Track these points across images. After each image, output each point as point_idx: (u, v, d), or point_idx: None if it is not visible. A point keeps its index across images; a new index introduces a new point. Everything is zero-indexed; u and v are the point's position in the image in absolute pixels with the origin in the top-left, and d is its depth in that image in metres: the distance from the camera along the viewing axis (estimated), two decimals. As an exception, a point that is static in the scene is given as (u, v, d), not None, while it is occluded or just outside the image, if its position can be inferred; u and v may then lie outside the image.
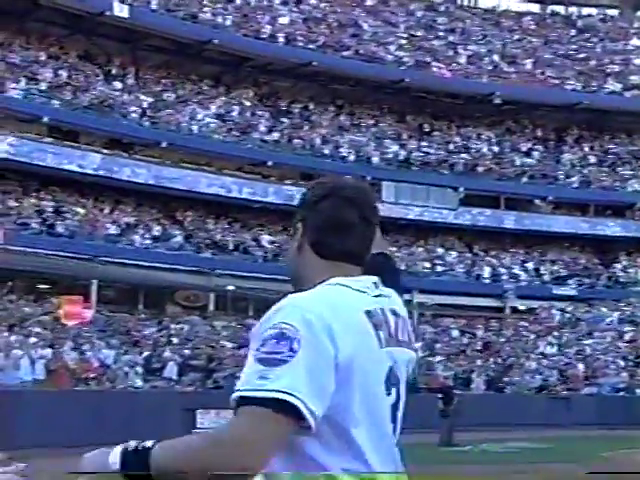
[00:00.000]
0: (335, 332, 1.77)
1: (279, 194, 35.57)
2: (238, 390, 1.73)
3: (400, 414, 1.96)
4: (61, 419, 18.20)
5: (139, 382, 22.78)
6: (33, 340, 21.71)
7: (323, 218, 1.98)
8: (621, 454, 17.58)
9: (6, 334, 21.80)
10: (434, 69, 41.03)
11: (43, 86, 31.91)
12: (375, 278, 1.97)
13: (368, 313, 1.87)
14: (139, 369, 23.20)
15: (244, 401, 1.72)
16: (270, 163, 35.80)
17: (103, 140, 33.72)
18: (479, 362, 31.31)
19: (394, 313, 1.96)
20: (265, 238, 35.13)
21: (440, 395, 21.99)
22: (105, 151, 33.15)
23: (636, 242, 40.56)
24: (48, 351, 21.41)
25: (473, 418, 23.64)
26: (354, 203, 2.01)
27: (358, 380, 1.81)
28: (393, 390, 1.91)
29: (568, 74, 43.11)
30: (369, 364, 1.84)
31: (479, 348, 33.07)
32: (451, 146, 41.13)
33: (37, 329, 22.75)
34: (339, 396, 1.78)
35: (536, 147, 42.98)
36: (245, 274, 32.08)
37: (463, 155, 40.74)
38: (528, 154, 42.40)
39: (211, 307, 32.48)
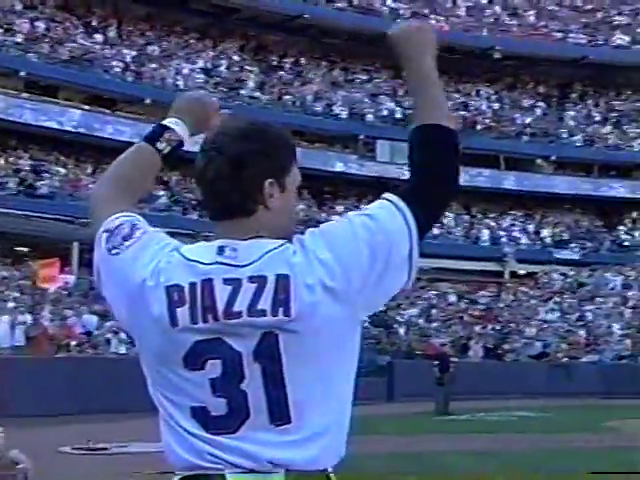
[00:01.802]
0: (126, 289, 1.89)
1: (269, 153, 35.45)
2: None
3: (251, 386, 1.83)
4: (42, 387, 18.24)
5: (123, 349, 22.82)
6: (11, 305, 21.69)
7: (195, 174, 1.98)
8: (627, 424, 17.69)
9: (-17, 299, 21.77)
10: (432, 22, 40.71)
11: (19, 38, 31.58)
12: (224, 242, 1.88)
13: (170, 287, 1.85)
14: (123, 335, 23.22)
15: None
16: (259, 120, 35.58)
17: (83, 96, 33.49)
18: (477, 328, 31.46)
19: (230, 281, 1.83)
20: (254, 199, 35.00)
21: (436, 362, 22.10)
22: (86, 107, 32.93)
23: (641, 204, 40.65)
24: (27, 317, 21.40)
25: (470, 386, 23.82)
26: (202, 149, 1.96)
27: (141, 344, 1.91)
28: (212, 364, 1.83)
29: (573, 27, 42.88)
30: (152, 338, 1.88)
31: (477, 314, 33.21)
32: (449, 103, 40.81)
33: (15, 294, 22.72)
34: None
35: (538, 104, 42.86)
36: (233, 237, 32.05)
37: (461, 112, 40.56)
38: (529, 111, 42.29)
39: (198, 271, 32.48)
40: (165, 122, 2.20)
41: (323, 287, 1.83)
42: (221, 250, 1.87)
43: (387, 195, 1.95)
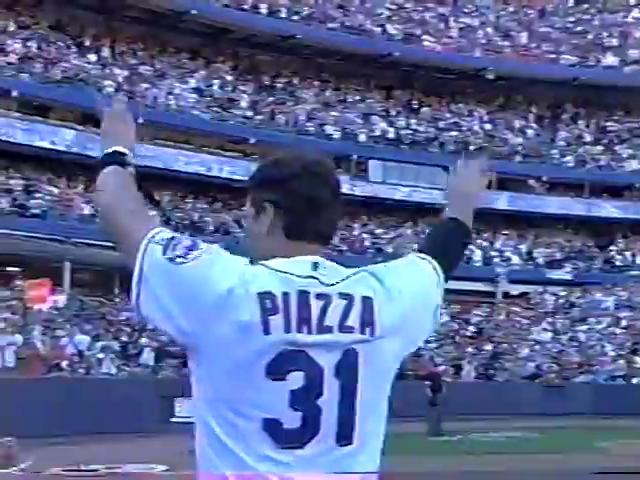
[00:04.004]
0: (208, 297, 1.86)
1: (261, 173, 35.51)
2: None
3: (327, 403, 1.87)
4: (33, 408, 18.17)
5: (114, 369, 22.76)
6: (2, 326, 21.62)
7: (299, 198, 1.97)
8: (619, 445, 17.69)
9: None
10: (424, 43, 40.96)
11: (12, 58, 31.65)
12: (317, 259, 1.96)
13: (262, 295, 1.86)
14: (114, 356, 23.18)
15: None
16: (252, 140, 35.69)
17: (76, 115, 33.51)
18: (470, 349, 31.43)
19: (322, 296, 1.90)
20: (247, 219, 35.01)
21: (428, 382, 22.05)
22: (78, 127, 32.95)
23: (633, 224, 40.74)
24: (18, 337, 21.33)
25: (463, 407, 23.78)
26: (327, 181, 2.02)
27: (216, 351, 1.86)
28: (294, 376, 1.85)
29: (564, 48, 43.14)
30: (236, 345, 1.85)
31: (470, 334, 33.19)
32: (441, 123, 41.12)
33: (6, 314, 22.66)
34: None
35: (530, 125, 43.06)
36: (225, 257, 32.00)
37: (454, 133, 40.74)
38: (522, 132, 42.47)
39: (190, 291, 32.41)
40: (115, 148, 2.20)
41: (393, 314, 1.97)
42: (316, 266, 1.94)
43: (421, 254, 2.22)
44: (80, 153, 31.77)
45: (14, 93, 30.86)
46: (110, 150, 2.17)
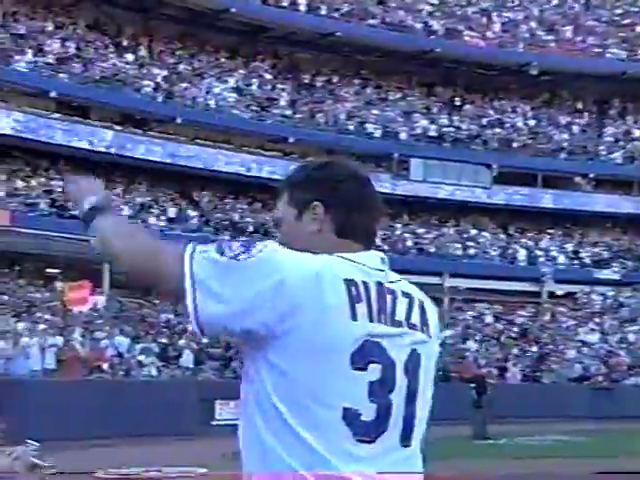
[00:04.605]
0: (291, 286, 1.85)
1: (301, 172, 35.58)
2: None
3: (397, 398, 1.92)
4: (73, 411, 18.34)
5: (154, 371, 22.91)
6: (42, 327, 21.86)
7: (352, 197, 2.06)
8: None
9: (14, 321, 21.97)
10: (466, 38, 40.75)
11: (50, 58, 32.01)
12: (383, 255, 2.04)
13: (348, 281, 1.91)
14: (154, 358, 23.33)
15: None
16: (292, 140, 35.76)
17: (115, 116, 33.82)
18: (515, 350, 31.23)
19: (391, 291, 1.98)
20: (286, 219, 35.08)
21: (473, 385, 21.94)
22: (117, 127, 33.26)
23: (683, 222, 40.23)
24: (59, 339, 21.56)
25: (508, 409, 23.62)
26: (372, 184, 2.15)
27: (304, 335, 1.86)
28: (374, 367, 1.89)
29: (611, 41, 42.67)
30: (327, 332, 1.87)
31: (515, 335, 32.98)
32: (484, 120, 40.89)
33: (46, 316, 22.91)
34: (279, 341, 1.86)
35: (576, 120, 42.64)
36: (266, 257, 32.07)
37: (497, 130, 40.49)
38: (567, 128, 42.08)
39: (230, 292, 32.54)
40: (88, 205, 2.26)
41: (434, 319, 2.09)
42: (383, 261, 2.02)
43: None
44: (119, 154, 32.09)
45: (53, 93, 31.19)
46: (85, 208, 2.23)
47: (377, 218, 2.11)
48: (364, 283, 1.93)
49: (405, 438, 1.94)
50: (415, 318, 2.00)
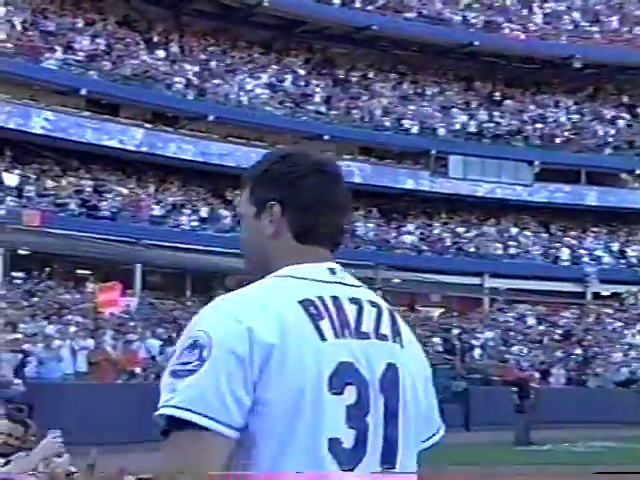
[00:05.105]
0: (255, 332, 1.72)
1: (336, 170, 35.61)
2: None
3: (373, 420, 1.79)
4: (106, 414, 18.46)
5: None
6: (73, 330, 22.03)
7: (311, 197, 1.88)
8: None
9: (44, 323, 22.16)
10: (506, 30, 40.53)
11: (80, 56, 32.27)
12: (332, 265, 1.89)
13: (302, 303, 1.78)
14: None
15: (168, 423, 1.78)
16: (326, 137, 35.74)
17: (146, 114, 34.02)
18: (558, 353, 31.02)
19: (353, 301, 1.85)
20: (321, 218, 35.14)
21: (515, 389, 21.83)
22: (148, 125, 33.45)
23: None
24: (90, 342, 21.71)
25: (552, 414, 23.46)
26: (338, 181, 1.95)
27: (283, 375, 1.73)
28: (349, 390, 1.77)
29: (657, 33, 42.24)
30: (299, 359, 1.74)
31: (558, 337, 32.77)
32: (525, 115, 40.66)
33: (77, 318, 23.08)
34: (266, 393, 1.74)
35: (621, 115, 42.24)
36: (300, 258, 32.12)
37: (539, 125, 40.23)
38: (612, 122, 41.70)
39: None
40: None
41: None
42: (332, 271, 1.88)
43: None
44: (150, 152, 32.27)
45: (83, 91, 31.43)
46: None
47: (344, 218, 1.94)
48: (320, 299, 1.80)
49: (387, 461, 1.81)
50: (385, 329, 1.86)
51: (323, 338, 1.77)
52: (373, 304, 1.87)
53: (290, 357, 1.73)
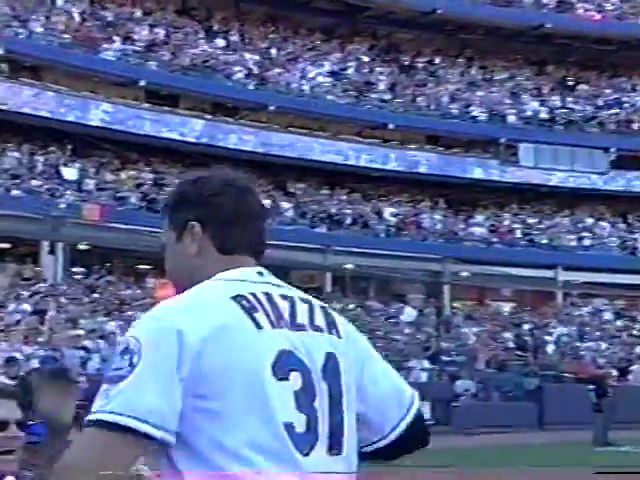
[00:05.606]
0: (185, 333, 1.85)
1: (402, 160, 35.40)
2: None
3: (322, 403, 1.93)
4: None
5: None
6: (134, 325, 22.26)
7: (228, 211, 2.06)
8: None
9: (105, 319, 22.43)
10: (580, 11, 39.98)
11: (139, 46, 32.56)
12: (260, 268, 2.06)
13: (235, 298, 1.93)
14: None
15: (90, 423, 1.85)
16: (391, 126, 35.61)
17: (205, 104, 34.22)
18: (638, 349, 30.54)
19: (285, 297, 2.01)
20: (387, 210, 35.05)
21: (592, 386, 21.52)
22: (208, 116, 33.64)
23: None
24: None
25: (632, 414, 23.08)
26: (250, 192, 2.13)
27: (221, 367, 1.86)
28: (294, 376, 1.91)
29: None
30: (237, 348, 1.88)
31: (637, 333, 32.29)
32: (600, 101, 40.08)
33: (138, 313, 23.31)
34: (205, 388, 1.85)
35: (703, 98, 41.40)
36: (365, 251, 32.09)
37: (615, 111, 39.62)
38: (693, 107, 40.90)
39: (328, 288, 32.67)
40: None
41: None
42: (261, 274, 2.05)
43: None
44: (210, 144, 32.44)
45: (142, 82, 31.72)
46: None
47: (260, 230, 2.11)
48: (252, 295, 1.96)
49: (334, 446, 1.94)
50: (319, 321, 2.01)
51: (259, 327, 1.92)
52: (304, 300, 2.04)
53: (227, 348, 1.86)
